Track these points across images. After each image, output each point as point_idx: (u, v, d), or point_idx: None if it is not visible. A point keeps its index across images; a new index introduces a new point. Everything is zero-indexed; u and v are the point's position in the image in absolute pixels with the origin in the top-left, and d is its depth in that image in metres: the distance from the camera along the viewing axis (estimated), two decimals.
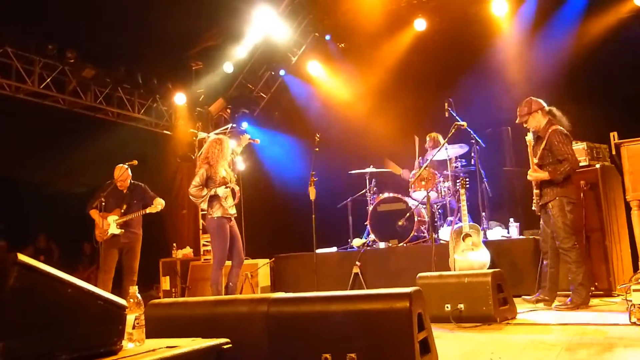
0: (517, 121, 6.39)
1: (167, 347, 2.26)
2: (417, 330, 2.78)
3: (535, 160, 6.04)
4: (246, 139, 7.45)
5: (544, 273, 6.20)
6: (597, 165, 6.82)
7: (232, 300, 3.17)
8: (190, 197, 6.89)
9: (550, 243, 6.11)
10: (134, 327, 2.38)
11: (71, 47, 9.11)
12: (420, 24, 10.66)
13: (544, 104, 6.25)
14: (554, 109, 6.23)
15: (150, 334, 2.47)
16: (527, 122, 6.24)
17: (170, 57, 10.62)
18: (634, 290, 4.59)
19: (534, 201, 6.19)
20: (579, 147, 6.92)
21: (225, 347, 2.42)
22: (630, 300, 4.64)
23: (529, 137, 6.14)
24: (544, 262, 6.21)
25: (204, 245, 10.91)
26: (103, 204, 7.32)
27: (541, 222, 6.30)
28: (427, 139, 9.26)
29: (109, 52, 9.51)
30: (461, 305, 5.19)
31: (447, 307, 5.22)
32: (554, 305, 5.94)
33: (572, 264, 5.86)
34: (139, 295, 2.48)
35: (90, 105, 9.90)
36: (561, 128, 6.01)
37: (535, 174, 6.02)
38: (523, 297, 6.20)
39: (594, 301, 6.16)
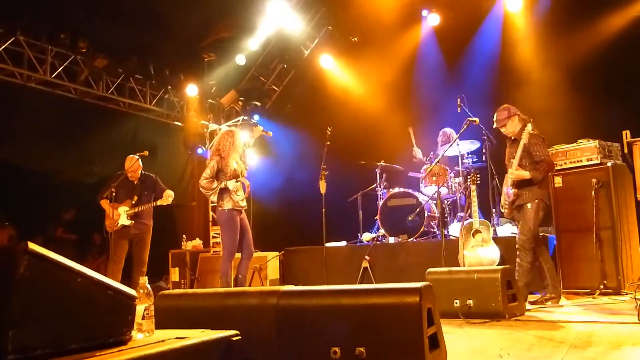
0: (494, 126, 6.48)
1: (176, 338, 2.26)
2: (427, 325, 2.77)
3: (516, 162, 6.07)
4: (259, 131, 7.41)
5: (542, 272, 6.20)
6: (609, 164, 6.79)
7: (242, 293, 3.17)
8: (201, 189, 6.87)
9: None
10: (143, 318, 2.38)
11: (83, 36, 9.13)
12: (433, 19, 10.63)
13: (518, 111, 6.34)
14: (526, 118, 6.30)
15: (159, 325, 2.47)
16: (506, 127, 6.34)
17: (183, 49, 10.63)
18: None
19: (505, 201, 6.29)
20: (591, 145, 6.92)
21: (234, 338, 2.42)
22: (639, 299, 4.62)
23: (530, 128, 6.11)
24: (536, 263, 6.21)
25: (213, 237, 10.94)
26: (114, 194, 7.32)
27: (514, 223, 6.36)
28: (440, 133, 9.22)
29: (121, 42, 9.51)
30: (470, 301, 5.18)
31: (456, 303, 5.22)
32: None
33: (525, 264, 6.00)
34: (148, 286, 2.48)
35: (101, 95, 9.92)
36: (537, 132, 6.10)
37: (517, 172, 6.08)
38: (528, 301, 6.15)
39: (603, 299, 6.15)
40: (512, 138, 6.34)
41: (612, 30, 8.93)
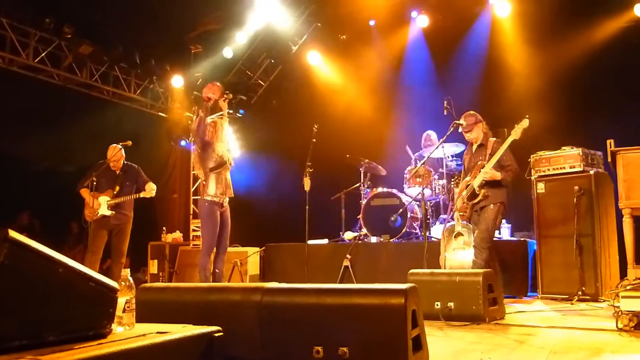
0: (460, 130, 6.66)
1: (157, 332, 2.22)
2: (411, 327, 2.75)
3: (491, 163, 6.23)
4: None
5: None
6: (591, 172, 6.84)
7: (225, 288, 3.13)
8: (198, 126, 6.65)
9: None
10: (124, 311, 2.34)
11: (69, 22, 9.00)
12: (422, 20, 10.63)
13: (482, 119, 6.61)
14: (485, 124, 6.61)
15: (140, 319, 2.43)
16: (471, 132, 6.57)
17: (170, 39, 10.52)
18: (623, 297, 4.58)
19: (462, 200, 6.48)
20: (574, 153, 6.96)
21: (216, 335, 2.39)
22: (618, 307, 4.64)
23: (526, 124, 6.16)
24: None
25: (193, 230, 10.88)
26: (94, 183, 7.21)
27: (472, 226, 6.52)
28: (424, 136, 9.22)
29: (107, 29, 9.42)
30: (451, 304, 5.18)
31: (437, 305, 5.21)
32: None
33: (480, 262, 6.18)
34: (130, 279, 2.43)
35: (85, 82, 9.80)
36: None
37: (491, 172, 6.24)
38: None
39: (580, 305, 6.19)
40: (479, 144, 6.54)
41: (598, 39, 9.01)
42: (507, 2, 9.73)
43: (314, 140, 7.66)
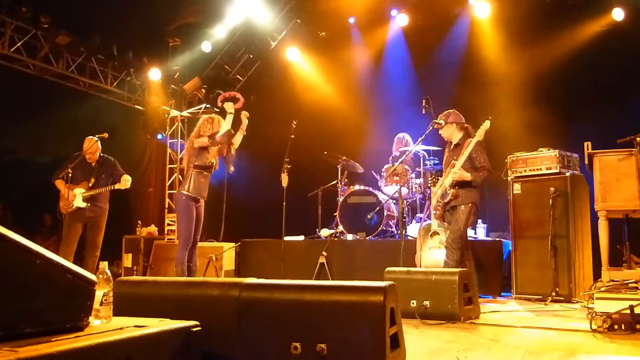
0: (434, 126, 6.69)
1: (134, 326, 2.20)
2: (389, 324, 2.75)
3: (459, 164, 6.26)
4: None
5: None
6: (567, 174, 6.91)
7: (204, 283, 3.10)
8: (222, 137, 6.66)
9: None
10: (101, 304, 2.30)
11: (46, 11, 8.86)
12: (402, 19, 10.66)
13: (462, 121, 6.61)
14: (469, 127, 6.58)
15: (117, 312, 2.40)
16: (443, 130, 6.66)
17: (148, 31, 10.41)
18: (597, 299, 4.64)
19: (438, 202, 6.50)
20: (551, 154, 7.02)
21: (194, 329, 2.37)
22: (592, 308, 4.70)
23: (487, 125, 6.23)
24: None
25: (168, 224, 10.80)
26: (70, 175, 7.14)
27: (445, 226, 6.57)
28: (395, 140, 9.23)
29: (85, 20, 9.28)
30: (427, 302, 5.21)
31: (413, 303, 5.24)
32: None
33: (451, 262, 6.23)
34: (108, 272, 2.40)
35: (61, 73, 9.65)
36: (479, 140, 6.30)
37: (460, 172, 6.26)
38: None
39: (554, 306, 6.26)
40: (456, 143, 6.57)
41: (577, 42, 9.11)
42: (486, 3, 9.80)
43: (292, 136, 7.65)
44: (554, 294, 6.60)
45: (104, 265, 2.42)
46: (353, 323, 2.71)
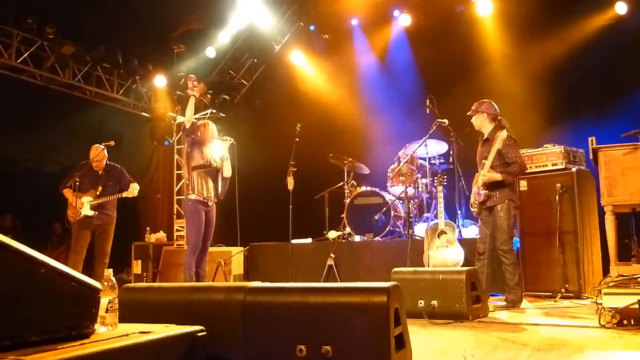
0: (467, 113, 6.53)
1: (140, 332, 2.22)
2: (394, 325, 2.76)
3: (488, 164, 6.13)
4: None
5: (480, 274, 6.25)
6: (574, 169, 6.89)
7: (208, 288, 3.12)
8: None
9: (488, 244, 6.24)
10: (107, 311, 2.34)
11: (51, 22, 8.95)
12: (404, 20, 10.67)
13: (496, 112, 6.40)
14: (503, 120, 6.40)
15: (123, 319, 2.43)
16: (473, 118, 6.46)
17: (152, 39, 10.48)
18: (605, 294, 4.64)
19: (474, 201, 6.33)
20: (556, 150, 7.00)
21: (199, 334, 2.40)
22: (600, 303, 4.69)
23: (504, 135, 6.14)
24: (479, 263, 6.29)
25: (177, 230, 10.84)
26: (77, 183, 7.19)
27: (480, 223, 6.45)
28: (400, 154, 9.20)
29: (89, 29, 9.36)
30: (434, 302, 5.21)
31: (421, 303, 5.24)
32: (493, 305, 6.00)
33: (509, 266, 6.04)
34: (113, 279, 2.43)
35: (68, 82, 9.73)
36: (509, 134, 6.15)
37: (489, 174, 6.12)
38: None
39: (564, 302, 6.24)
40: (485, 137, 6.40)
41: (580, 37, 9.09)
42: (489, 0, 9.79)
43: (297, 139, 7.68)
44: (563, 290, 6.58)
45: (109, 272, 2.46)
46: (357, 324, 2.72)
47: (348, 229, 8.73)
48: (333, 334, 2.73)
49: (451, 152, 8.41)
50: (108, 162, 7.61)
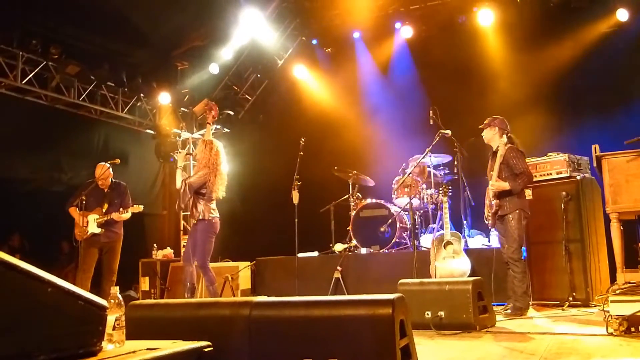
0: (479, 126, 6.65)
1: (147, 349, 2.23)
2: (399, 337, 2.77)
3: (495, 174, 6.22)
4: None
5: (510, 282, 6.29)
6: (578, 177, 6.88)
7: (214, 303, 3.14)
8: (188, 186, 6.65)
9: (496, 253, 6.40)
10: (114, 328, 2.35)
11: (55, 42, 9.03)
12: (406, 31, 10.72)
13: (506, 128, 6.49)
14: (513, 137, 6.49)
15: (130, 336, 2.44)
16: (484, 131, 6.58)
17: (156, 56, 10.57)
18: (612, 302, 4.62)
19: (488, 212, 6.41)
20: (560, 159, 7.00)
21: (206, 350, 2.40)
22: (608, 311, 4.68)
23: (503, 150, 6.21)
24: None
25: (184, 246, 10.84)
26: (84, 202, 7.24)
27: (498, 234, 6.53)
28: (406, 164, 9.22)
29: (93, 49, 9.44)
30: (441, 313, 5.21)
31: (428, 314, 5.23)
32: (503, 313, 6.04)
33: (518, 274, 6.13)
34: (119, 296, 2.45)
35: (72, 102, 9.78)
36: (515, 146, 6.32)
37: (497, 184, 6.22)
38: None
39: (572, 311, 6.22)
40: (494, 150, 6.48)
41: (582, 44, 9.11)
42: (490, 10, 9.83)
43: (302, 153, 7.71)
44: (571, 298, 6.55)
45: (115, 290, 2.47)
46: (363, 337, 2.74)
47: (354, 242, 8.73)
48: (339, 347, 2.75)
49: (455, 163, 8.42)
50: (113, 180, 7.66)
